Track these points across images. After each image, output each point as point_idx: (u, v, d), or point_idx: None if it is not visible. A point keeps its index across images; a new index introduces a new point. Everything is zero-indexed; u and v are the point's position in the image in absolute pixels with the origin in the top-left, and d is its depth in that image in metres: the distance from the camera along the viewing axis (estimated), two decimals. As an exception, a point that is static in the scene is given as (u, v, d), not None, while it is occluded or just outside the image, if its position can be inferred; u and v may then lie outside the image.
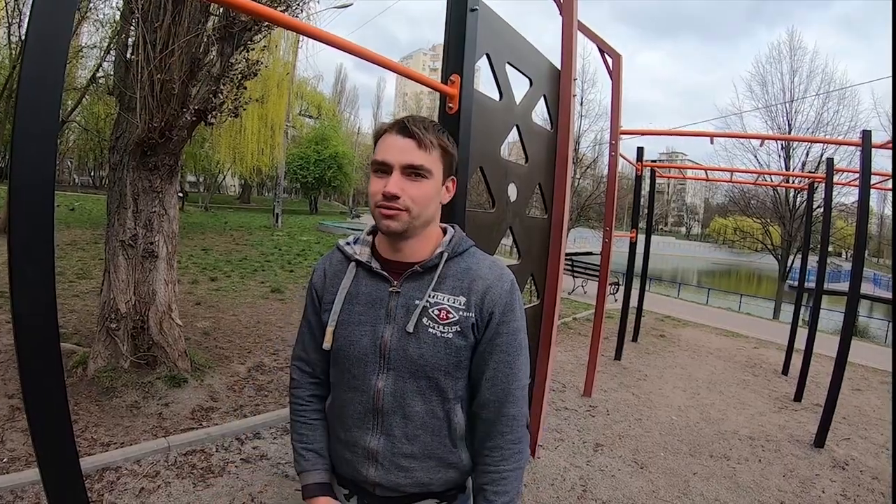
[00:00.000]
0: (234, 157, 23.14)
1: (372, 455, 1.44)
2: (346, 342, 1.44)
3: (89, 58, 13.62)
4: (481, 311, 1.41)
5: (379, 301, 1.43)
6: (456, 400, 1.45)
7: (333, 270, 1.53)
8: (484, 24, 2.49)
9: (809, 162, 20.07)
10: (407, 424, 1.42)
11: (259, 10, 1.61)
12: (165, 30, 4.58)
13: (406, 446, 1.43)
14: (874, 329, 24.02)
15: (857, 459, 5.17)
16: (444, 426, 1.44)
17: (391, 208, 1.34)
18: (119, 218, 5.05)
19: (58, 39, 1.12)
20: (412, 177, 1.35)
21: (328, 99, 48.11)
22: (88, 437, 4.10)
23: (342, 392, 1.49)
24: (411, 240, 1.44)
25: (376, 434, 1.43)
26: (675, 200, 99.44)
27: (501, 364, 1.43)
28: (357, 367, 1.43)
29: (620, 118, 6.01)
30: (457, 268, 1.45)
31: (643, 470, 4.53)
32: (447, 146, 1.42)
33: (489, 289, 1.42)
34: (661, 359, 8.49)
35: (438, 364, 1.39)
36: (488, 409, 1.44)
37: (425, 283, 1.42)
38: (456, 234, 1.53)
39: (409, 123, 1.36)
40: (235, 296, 9.93)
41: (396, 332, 1.40)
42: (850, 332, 5.41)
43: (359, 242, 1.54)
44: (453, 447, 1.46)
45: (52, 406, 1.26)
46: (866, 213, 5.36)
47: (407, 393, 1.40)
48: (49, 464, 1.26)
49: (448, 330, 1.39)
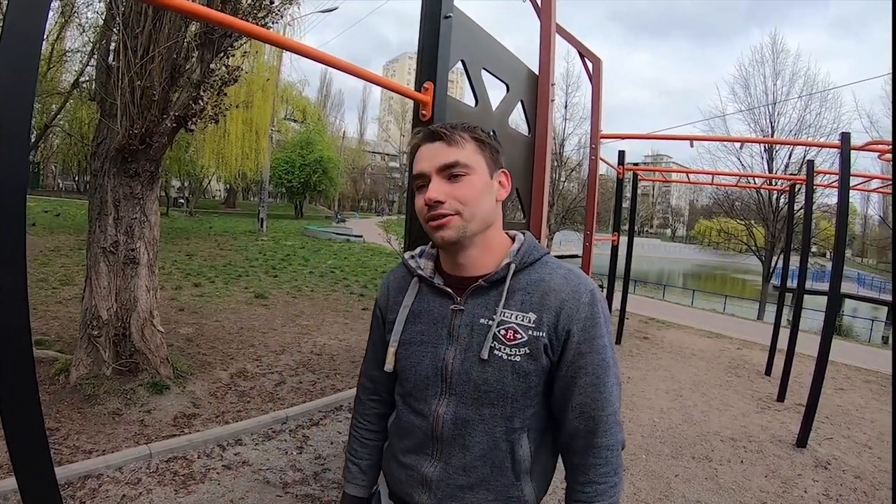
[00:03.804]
0: (219, 161, 22.99)
1: (426, 482, 1.32)
2: (408, 364, 1.34)
3: (73, 62, 13.54)
4: (556, 329, 1.25)
5: (441, 319, 1.32)
6: (523, 430, 1.29)
7: (397, 286, 1.44)
8: (459, 31, 2.50)
9: (792, 164, 20.23)
10: (465, 455, 1.29)
11: (235, 24, 1.62)
12: (146, 36, 4.59)
13: (462, 477, 1.29)
14: (858, 328, 24.26)
15: (839, 459, 5.21)
16: (507, 458, 1.29)
17: (439, 216, 1.23)
18: (100, 224, 5.03)
19: (30, 45, 1.13)
20: (452, 178, 1.24)
21: (313, 103, 47.96)
22: (70, 444, 4.08)
23: (404, 413, 1.39)
24: (472, 249, 1.31)
25: (433, 461, 1.32)
26: (660, 203, 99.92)
27: (589, 388, 1.26)
28: (418, 390, 1.33)
29: (601, 122, 6.05)
30: (527, 280, 1.30)
31: (625, 472, 4.53)
32: (482, 138, 1.31)
33: (564, 303, 1.26)
34: (644, 361, 8.53)
35: (505, 391, 1.25)
36: (577, 440, 1.30)
37: (491, 300, 1.28)
38: (526, 241, 1.37)
39: (434, 127, 1.29)
40: (219, 301, 9.90)
41: (459, 353, 1.28)
42: (831, 331, 5.47)
43: (424, 256, 1.43)
44: (516, 480, 1.30)
45: (27, 415, 1.27)
46: (846, 213, 5.42)
47: (469, 421, 1.28)
48: (25, 473, 1.27)
49: (515, 352, 1.24)
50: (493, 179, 1.32)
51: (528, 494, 1.32)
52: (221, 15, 1.57)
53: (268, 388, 5.73)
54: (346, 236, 27.98)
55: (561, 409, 1.31)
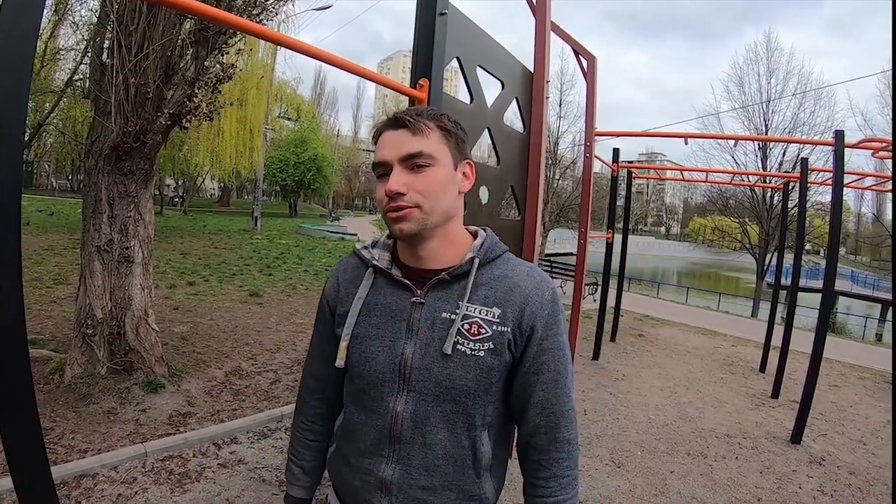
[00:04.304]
0: (213, 160, 22.92)
1: (385, 486, 1.26)
2: (362, 359, 1.28)
3: (66, 60, 13.50)
4: (520, 325, 1.24)
5: (399, 313, 1.27)
6: (483, 427, 1.28)
7: (349, 277, 1.38)
8: (454, 28, 2.50)
9: (786, 162, 20.24)
10: (427, 454, 1.24)
11: (229, 19, 1.61)
12: (140, 33, 4.56)
13: (424, 478, 1.25)
14: (853, 325, 24.34)
15: (833, 455, 5.24)
16: (469, 455, 1.26)
17: (399, 208, 1.19)
18: (94, 223, 5.01)
19: (24, 43, 1.13)
20: (415, 169, 1.20)
21: (307, 101, 47.93)
22: (65, 443, 4.06)
23: (355, 413, 1.33)
24: (432, 242, 1.27)
25: (391, 463, 1.26)
26: (654, 200, 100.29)
27: (551, 384, 1.27)
28: (373, 387, 1.27)
29: (595, 120, 6.06)
30: (490, 275, 1.28)
31: (620, 469, 4.56)
32: (448, 126, 1.26)
33: (528, 299, 1.25)
34: (639, 358, 8.55)
35: (467, 386, 1.22)
36: (539, 436, 1.29)
37: (454, 294, 1.25)
38: (489, 236, 1.35)
39: (399, 114, 1.23)
40: (213, 300, 9.88)
41: (419, 349, 1.24)
42: (825, 329, 5.49)
43: (378, 246, 1.38)
44: (477, 478, 1.28)
45: (24, 415, 1.26)
46: (839, 211, 5.43)
47: (429, 419, 1.23)
48: (21, 472, 1.27)
49: (479, 347, 1.22)
50: (458, 171, 1.29)
51: (488, 491, 1.32)
52: (217, 11, 1.57)
53: (263, 387, 5.71)
54: (341, 234, 28.00)
55: (522, 405, 1.31)
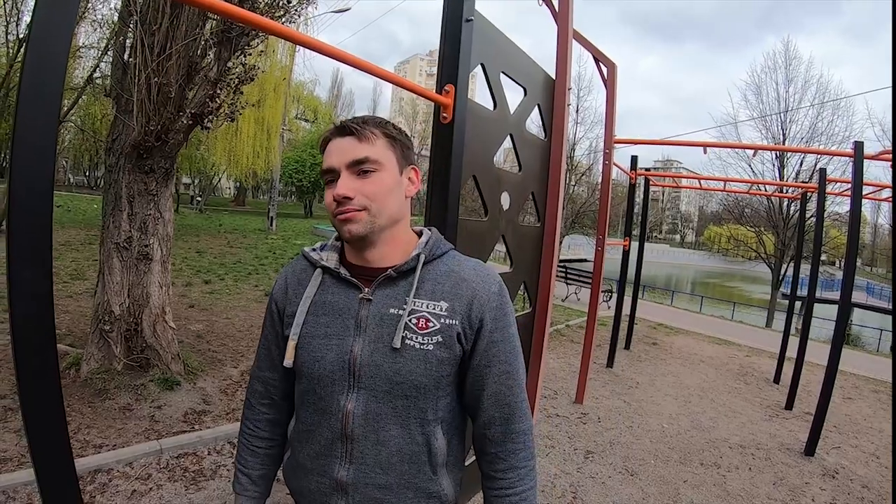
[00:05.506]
0: (230, 159, 23.09)
1: (341, 486, 1.27)
2: (310, 358, 1.29)
3: (87, 58, 13.62)
4: (469, 318, 1.26)
5: (347, 311, 1.29)
6: (436, 422, 1.29)
7: (297, 279, 1.39)
8: (479, 35, 2.51)
9: (804, 171, 20.17)
10: (380, 452, 1.25)
11: (255, 19, 1.62)
12: (163, 33, 4.59)
13: (380, 476, 1.26)
14: (867, 337, 24.10)
15: (847, 468, 5.20)
16: (424, 452, 1.28)
17: (346, 211, 1.22)
18: (114, 220, 5.06)
19: (58, 40, 1.14)
20: (361, 174, 1.23)
21: (324, 103, 48.14)
22: (81, 438, 4.09)
23: (307, 415, 1.34)
24: (379, 244, 1.30)
25: (345, 463, 1.27)
26: (669, 208, 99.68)
27: (503, 376, 1.30)
28: (322, 386, 1.28)
29: (614, 127, 6.05)
30: (436, 271, 1.31)
31: (633, 477, 4.54)
32: (392, 134, 1.30)
33: (476, 293, 1.28)
34: (652, 366, 8.51)
35: (417, 381, 1.24)
36: (494, 429, 1.31)
37: (401, 290, 1.28)
38: (434, 235, 1.38)
39: (345, 122, 1.28)
40: (229, 299, 9.94)
41: (368, 345, 1.25)
42: (842, 341, 5.44)
43: (326, 248, 1.40)
44: (433, 475, 1.30)
45: (48, 407, 1.28)
46: (858, 222, 5.39)
47: (381, 416, 1.25)
48: (45, 465, 1.27)
49: (428, 341, 1.24)
50: (403, 176, 1.32)
51: (446, 488, 1.34)
52: (244, 11, 1.58)
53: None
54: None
55: (475, 398, 1.33)
